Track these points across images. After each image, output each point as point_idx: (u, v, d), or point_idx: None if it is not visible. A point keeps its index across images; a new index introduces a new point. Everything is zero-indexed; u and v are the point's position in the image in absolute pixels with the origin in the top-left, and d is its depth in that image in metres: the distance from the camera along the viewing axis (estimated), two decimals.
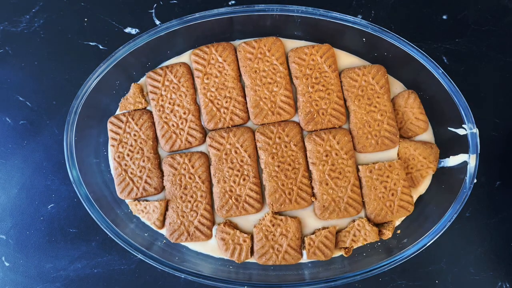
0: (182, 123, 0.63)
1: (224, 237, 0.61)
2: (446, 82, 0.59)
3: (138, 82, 0.65)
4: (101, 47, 0.69)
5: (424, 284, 0.65)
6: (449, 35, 0.69)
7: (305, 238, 0.61)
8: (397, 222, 0.63)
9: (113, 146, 0.63)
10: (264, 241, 0.61)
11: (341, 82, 0.64)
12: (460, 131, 0.60)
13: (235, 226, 0.63)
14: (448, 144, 0.63)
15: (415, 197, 0.63)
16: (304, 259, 0.62)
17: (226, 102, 0.63)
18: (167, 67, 0.64)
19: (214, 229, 0.62)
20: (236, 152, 0.62)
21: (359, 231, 0.61)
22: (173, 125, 0.63)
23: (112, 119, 0.64)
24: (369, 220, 0.62)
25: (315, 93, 0.63)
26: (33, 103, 0.68)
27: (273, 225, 0.61)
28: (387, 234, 0.61)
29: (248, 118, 0.64)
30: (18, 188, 0.67)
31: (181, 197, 0.62)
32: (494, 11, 0.70)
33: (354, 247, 0.62)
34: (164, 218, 0.63)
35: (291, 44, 0.65)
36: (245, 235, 0.61)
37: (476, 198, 0.64)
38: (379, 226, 0.63)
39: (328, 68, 0.63)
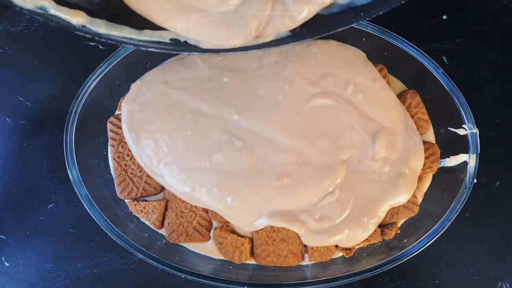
0: None
1: (221, 241, 0.60)
2: (446, 82, 0.59)
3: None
4: (100, 47, 0.69)
5: (424, 284, 0.65)
6: (449, 35, 0.69)
7: None
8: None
9: (112, 146, 0.63)
10: (264, 246, 0.60)
11: None
12: (460, 131, 0.60)
13: (231, 230, 0.61)
14: (448, 144, 0.63)
15: (419, 198, 0.63)
16: (306, 261, 0.61)
17: None
18: None
19: (213, 230, 0.62)
20: None
21: None
22: None
23: (111, 119, 0.63)
24: None
25: None
26: (32, 103, 0.68)
27: (273, 231, 0.60)
28: (390, 234, 0.61)
29: None
30: (17, 188, 0.67)
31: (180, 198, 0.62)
32: (494, 11, 0.70)
33: (356, 248, 0.62)
34: (164, 218, 0.62)
35: None
36: (243, 238, 0.60)
37: (476, 198, 0.63)
38: (382, 226, 0.62)
39: None
